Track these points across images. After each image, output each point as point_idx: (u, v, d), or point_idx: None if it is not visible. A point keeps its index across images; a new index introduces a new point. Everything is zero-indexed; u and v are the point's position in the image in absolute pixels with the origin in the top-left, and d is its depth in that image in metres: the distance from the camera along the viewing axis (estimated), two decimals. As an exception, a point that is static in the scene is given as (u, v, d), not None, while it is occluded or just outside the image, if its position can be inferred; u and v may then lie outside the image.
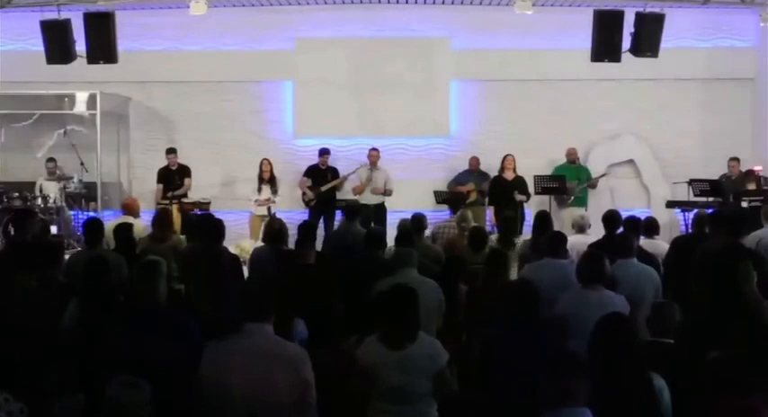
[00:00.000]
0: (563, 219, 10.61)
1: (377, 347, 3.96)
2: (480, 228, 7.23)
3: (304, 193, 11.43)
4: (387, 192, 11.27)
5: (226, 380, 3.47)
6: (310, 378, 3.53)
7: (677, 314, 4.54)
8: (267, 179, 11.28)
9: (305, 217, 10.93)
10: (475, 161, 11.71)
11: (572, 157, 11.71)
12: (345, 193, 11.58)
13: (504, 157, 11.36)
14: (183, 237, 7.66)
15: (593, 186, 11.70)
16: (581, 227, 7.64)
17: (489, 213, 11.37)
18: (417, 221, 7.57)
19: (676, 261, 6.58)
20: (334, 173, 11.49)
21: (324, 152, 11.52)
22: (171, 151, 11.45)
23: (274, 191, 11.25)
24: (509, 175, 11.30)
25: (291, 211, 11.28)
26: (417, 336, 3.97)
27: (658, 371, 3.76)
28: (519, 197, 11.03)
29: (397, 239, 6.75)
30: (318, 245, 7.50)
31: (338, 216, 11.13)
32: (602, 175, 11.74)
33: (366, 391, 3.96)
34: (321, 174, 11.44)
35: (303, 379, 3.50)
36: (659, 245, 7.23)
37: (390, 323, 3.98)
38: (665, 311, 4.51)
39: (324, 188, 11.32)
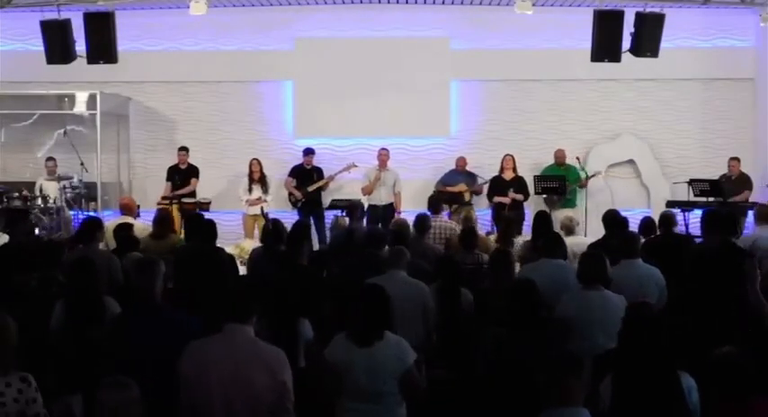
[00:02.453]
0: (554, 220, 10.51)
1: (344, 344, 3.97)
2: (472, 228, 7.20)
3: (290, 194, 11.43)
4: (397, 195, 11.25)
5: (205, 380, 3.48)
6: (288, 381, 3.53)
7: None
8: (257, 178, 11.30)
9: (297, 216, 10.96)
10: (462, 161, 11.67)
11: (560, 159, 11.66)
12: (332, 192, 11.61)
13: (504, 157, 11.36)
14: (182, 237, 7.67)
15: (583, 186, 11.63)
16: (569, 229, 7.64)
17: (493, 211, 11.36)
18: (420, 221, 7.53)
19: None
20: (318, 172, 11.51)
21: (308, 152, 11.54)
22: (181, 149, 11.49)
23: (265, 191, 11.27)
24: (508, 175, 11.30)
25: (286, 211, 11.28)
26: (384, 335, 3.97)
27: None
28: (513, 195, 11.00)
29: (391, 240, 6.76)
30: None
31: (328, 215, 11.17)
32: (592, 175, 11.61)
33: (333, 388, 3.97)
34: (306, 174, 11.46)
35: (280, 381, 3.51)
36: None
37: (357, 321, 3.98)
38: (643, 311, 4.48)
39: (310, 188, 11.34)
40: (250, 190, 11.28)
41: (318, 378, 4.02)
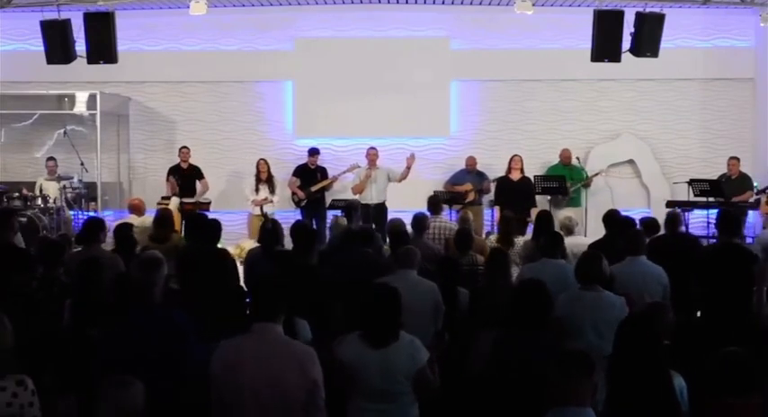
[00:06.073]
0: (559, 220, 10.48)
1: (358, 345, 3.95)
2: (465, 230, 7.19)
3: (294, 193, 11.42)
4: (402, 177, 10.99)
5: (236, 379, 3.47)
6: (319, 378, 3.52)
7: (671, 315, 4.53)
8: (265, 179, 11.30)
9: (299, 217, 10.94)
10: (472, 160, 11.65)
11: (566, 159, 11.63)
12: (335, 193, 11.60)
13: (512, 158, 11.28)
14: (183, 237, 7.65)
15: (587, 186, 11.62)
16: (569, 229, 7.62)
17: (492, 213, 11.34)
18: (419, 220, 7.51)
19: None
20: (323, 172, 11.49)
21: (313, 152, 11.52)
22: (184, 147, 11.44)
23: (272, 191, 11.27)
24: (515, 176, 11.23)
25: (288, 211, 11.27)
26: (399, 335, 3.97)
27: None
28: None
29: (392, 240, 6.73)
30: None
31: (328, 216, 11.13)
32: (596, 174, 11.59)
33: (345, 388, 3.95)
34: (310, 174, 11.43)
35: (312, 379, 3.50)
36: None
37: (373, 322, 3.97)
38: (659, 312, 4.48)
39: (314, 188, 11.33)
40: (257, 190, 11.27)
41: (328, 379, 4.00)
